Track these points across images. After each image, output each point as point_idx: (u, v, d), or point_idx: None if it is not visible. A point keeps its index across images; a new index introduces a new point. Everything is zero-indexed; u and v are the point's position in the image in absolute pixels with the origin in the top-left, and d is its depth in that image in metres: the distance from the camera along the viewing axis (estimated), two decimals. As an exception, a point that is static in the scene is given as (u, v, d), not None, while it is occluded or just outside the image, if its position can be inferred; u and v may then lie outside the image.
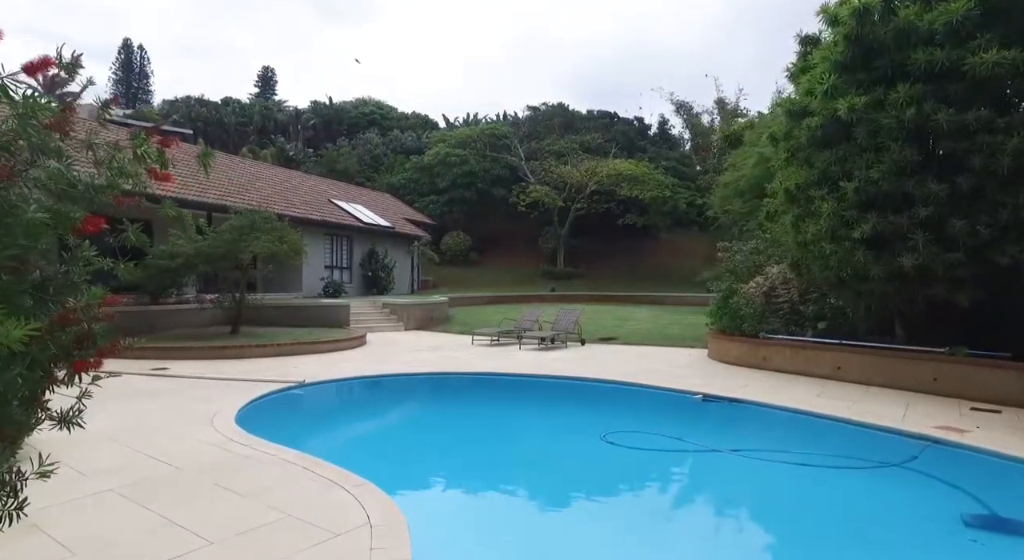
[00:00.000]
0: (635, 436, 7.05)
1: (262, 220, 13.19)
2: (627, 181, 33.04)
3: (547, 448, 7.17)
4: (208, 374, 9.72)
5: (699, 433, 7.36)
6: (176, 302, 14.90)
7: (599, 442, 6.66)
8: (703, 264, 37.36)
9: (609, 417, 8.38)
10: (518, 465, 6.45)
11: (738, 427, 7.67)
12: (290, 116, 50.81)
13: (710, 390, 8.54)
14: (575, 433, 7.68)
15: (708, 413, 7.94)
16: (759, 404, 7.77)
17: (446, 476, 6.02)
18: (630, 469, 6.13)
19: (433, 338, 16.26)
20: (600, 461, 6.36)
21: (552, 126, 43.55)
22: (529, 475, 6.06)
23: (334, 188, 28.11)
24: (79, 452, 5.29)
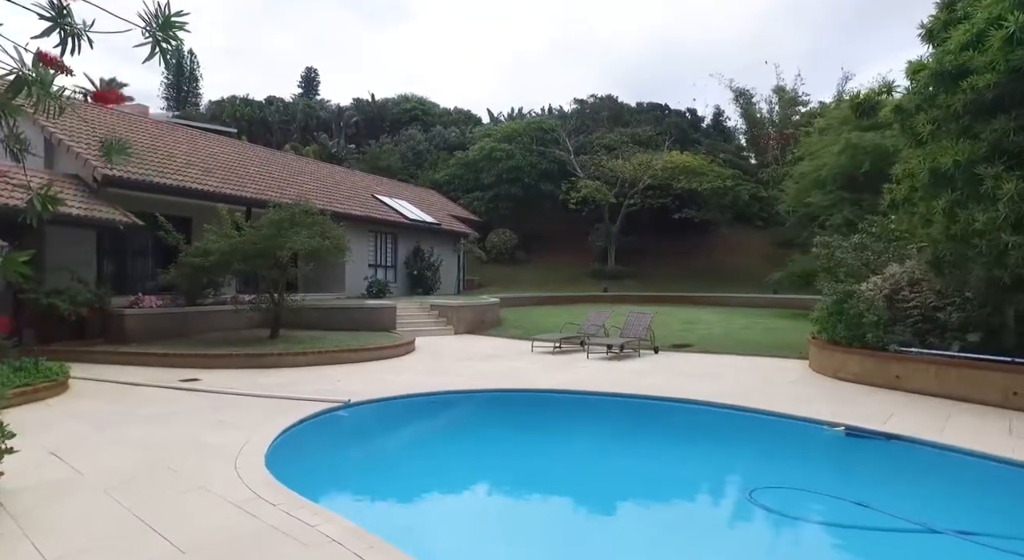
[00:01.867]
0: (792, 496, 5.18)
1: (302, 213, 11.97)
2: (684, 174, 30.96)
3: (672, 508, 5.36)
4: (241, 388, 8.46)
5: (874, 492, 5.25)
6: (214, 303, 13.86)
7: (742, 501, 4.98)
8: (763, 263, 35.04)
9: (731, 456, 6.70)
10: (647, 535, 4.66)
11: (920, 483, 5.71)
12: (333, 114, 50.33)
13: (847, 419, 6.77)
14: (706, 484, 5.97)
15: (861, 455, 6.15)
16: (932, 445, 5.94)
17: (547, 548, 4.47)
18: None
19: (487, 344, 14.80)
20: (758, 540, 4.57)
21: (600, 119, 41.70)
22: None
23: (378, 184, 27.03)
24: (56, 510, 3.97)
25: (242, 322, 13.65)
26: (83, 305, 11.74)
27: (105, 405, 7.42)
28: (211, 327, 13.57)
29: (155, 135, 16.88)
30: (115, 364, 10.60)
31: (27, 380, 7.86)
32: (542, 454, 6.82)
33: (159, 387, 8.61)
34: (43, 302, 11.30)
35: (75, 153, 13.08)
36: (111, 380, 9.06)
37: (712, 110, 44.34)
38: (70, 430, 6.18)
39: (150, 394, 8.16)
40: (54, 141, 13.51)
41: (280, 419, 6.55)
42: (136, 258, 15.04)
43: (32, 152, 2.71)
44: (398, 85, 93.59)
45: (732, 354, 13.01)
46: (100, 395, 8.06)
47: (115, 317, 12.17)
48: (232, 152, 19.54)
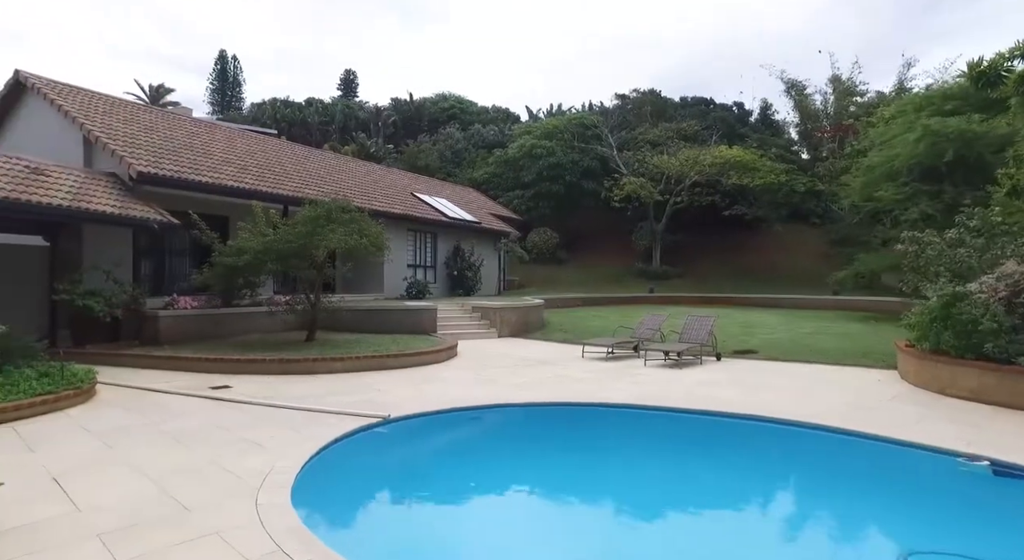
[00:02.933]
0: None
1: (338, 210, 11.26)
2: (735, 169, 29.39)
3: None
4: (272, 397, 7.74)
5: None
6: (249, 304, 13.33)
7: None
8: (819, 262, 33.12)
9: (853, 497, 5.41)
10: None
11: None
12: (371, 114, 50.24)
13: (986, 450, 5.57)
14: (835, 536, 4.72)
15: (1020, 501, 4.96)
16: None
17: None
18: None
19: (534, 349, 13.86)
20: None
21: (643, 115, 40.28)
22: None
23: (416, 182, 26.42)
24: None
25: (278, 324, 13.07)
26: (118, 306, 11.31)
27: (127, 417, 6.77)
28: (246, 329, 13.02)
29: (192, 133, 16.53)
30: (146, 368, 10.08)
31: (51, 387, 7.31)
32: (613, 484, 5.83)
33: (187, 395, 7.96)
34: (78, 303, 10.89)
35: (111, 150, 12.70)
36: (139, 386, 8.48)
37: (760, 104, 42.39)
38: (83, 448, 5.50)
39: (177, 404, 7.51)
40: (91, 139, 13.18)
41: (312, 438, 5.76)
42: (172, 258, 14.64)
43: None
44: (436, 85, 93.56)
45: (805, 362, 11.75)
46: (124, 404, 7.44)
47: (150, 318, 11.71)
48: (269, 150, 19.12)
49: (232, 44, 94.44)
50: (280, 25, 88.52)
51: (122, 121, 14.58)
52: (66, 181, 11.51)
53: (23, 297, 11.52)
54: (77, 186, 11.52)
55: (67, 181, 11.52)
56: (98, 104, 15.00)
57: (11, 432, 6.11)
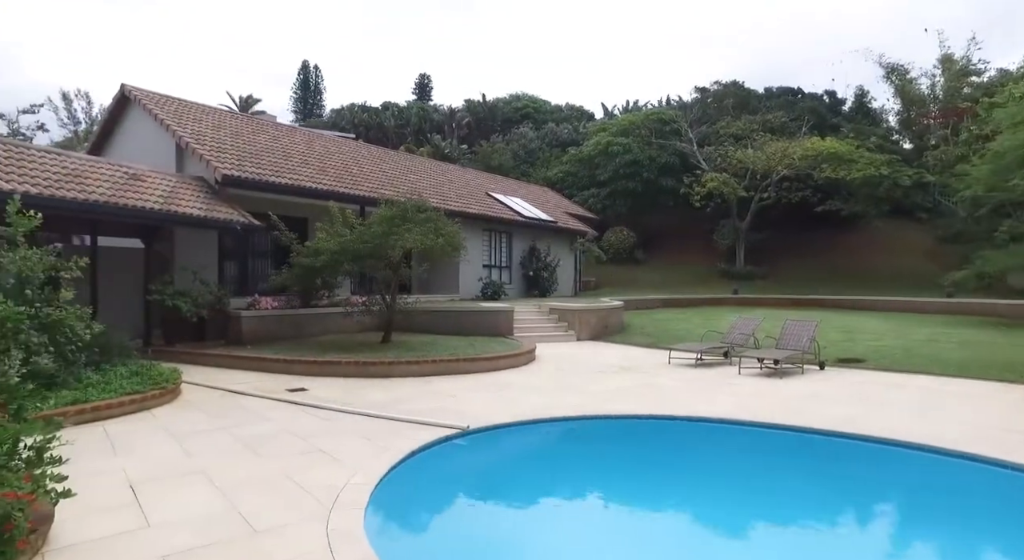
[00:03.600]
0: None
1: (415, 210, 11.02)
2: (829, 161, 27.23)
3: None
4: (347, 402, 7.51)
5: None
6: (327, 305, 13.39)
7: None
8: (924, 261, 30.21)
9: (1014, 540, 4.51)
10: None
11: None
12: (445, 116, 50.79)
13: None
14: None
15: None
16: None
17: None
18: None
19: (616, 353, 13.14)
20: None
21: (725, 107, 38.33)
22: None
23: (491, 181, 26.18)
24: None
25: (355, 325, 13.04)
26: (204, 306, 11.59)
27: (207, 420, 6.70)
28: (324, 330, 13.08)
29: (274, 137, 16.93)
30: (229, 368, 10.20)
31: (139, 387, 7.40)
32: (715, 510, 5.11)
33: (265, 398, 7.88)
34: (168, 303, 11.23)
35: (199, 155, 13.10)
36: (219, 387, 8.51)
37: (855, 91, 39.30)
38: (161, 454, 5.39)
39: (255, 407, 7.41)
40: (182, 145, 13.67)
41: (386, 450, 5.40)
42: (255, 259, 15.00)
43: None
44: (509, 85, 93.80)
45: (924, 374, 10.42)
46: (205, 406, 7.42)
47: (233, 319, 11.94)
48: (347, 152, 19.38)
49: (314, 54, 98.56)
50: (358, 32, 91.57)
51: (210, 127, 15.09)
52: (159, 185, 11.92)
53: (124, 297, 12.03)
54: (169, 190, 11.91)
55: (160, 185, 11.94)
56: (190, 112, 15.62)
57: (100, 432, 6.14)
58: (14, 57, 59.93)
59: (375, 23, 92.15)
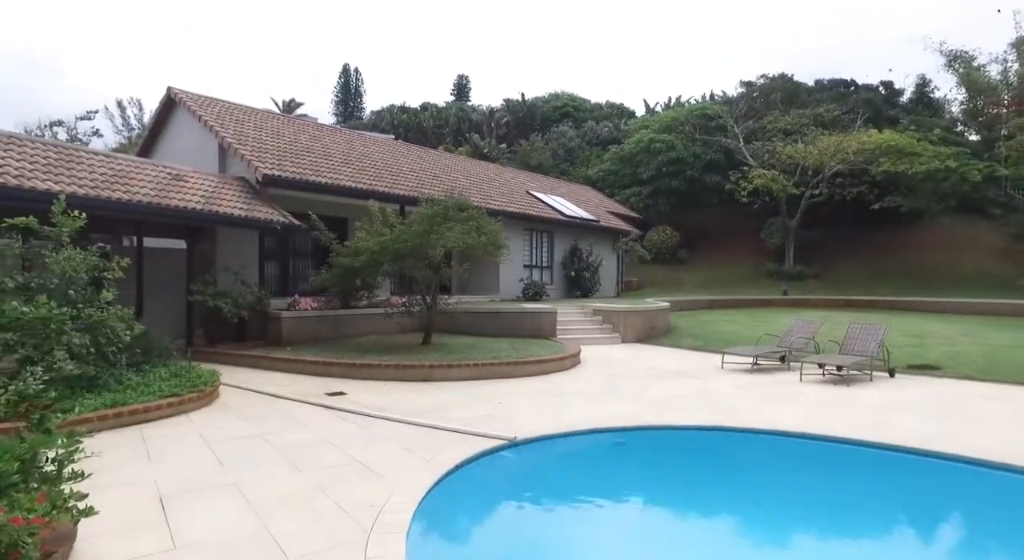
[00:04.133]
0: None
1: (456, 208, 10.68)
2: (889, 155, 25.75)
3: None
4: (387, 408, 7.19)
5: None
6: (367, 306, 13.19)
7: None
8: (997, 261, 28.35)
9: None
10: None
11: None
12: (483, 115, 50.61)
13: None
14: None
15: None
16: None
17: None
18: None
19: (665, 357, 12.53)
20: None
21: (772, 102, 36.90)
22: None
23: (532, 180, 25.75)
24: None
25: (394, 326, 12.79)
26: (244, 307, 11.51)
27: (243, 426, 6.47)
28: (363, 331, 12.88)
29: (314, 137, 16.90)
30: (268, 369, 10.05)
31: (177, 389, 7.24)
32: (791, 538, 4.55)
33: (303, 402, 7.63)
34: (209, 304, 11.18)
35: (240, 155, 13.08)
36: (258, 390, 8.32)
37: (916, 80, 37.29)
38: (194, 463, 5.14)
39: (292, 412, 7.16)
40: (224, 145, 13.69)
41: (428, 463, 5.02)
42: (295, 260, 14.95)
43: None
44: (548, 84, 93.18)
45: (1015, 384, 9.50)
46: (242, 410, 7.21)
47: (273, 319, 11.83)
48: (386, 151, 19.25)
49: (354, 57, 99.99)
50: (397, 35, 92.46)
51: (252, 128, 15.12)
52: (201, 186, 11.91)
53: (168, 298, 12.07)
54: (211, 190, 11.88)
55: (202, 186, 11.93)
56: (232, 113, 15.69)
57: (137, 436, 5.97)
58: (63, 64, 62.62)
59: (414, 25, 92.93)
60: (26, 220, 6.93)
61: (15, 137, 10.33)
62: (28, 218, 6.95)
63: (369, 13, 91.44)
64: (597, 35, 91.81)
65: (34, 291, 6.93)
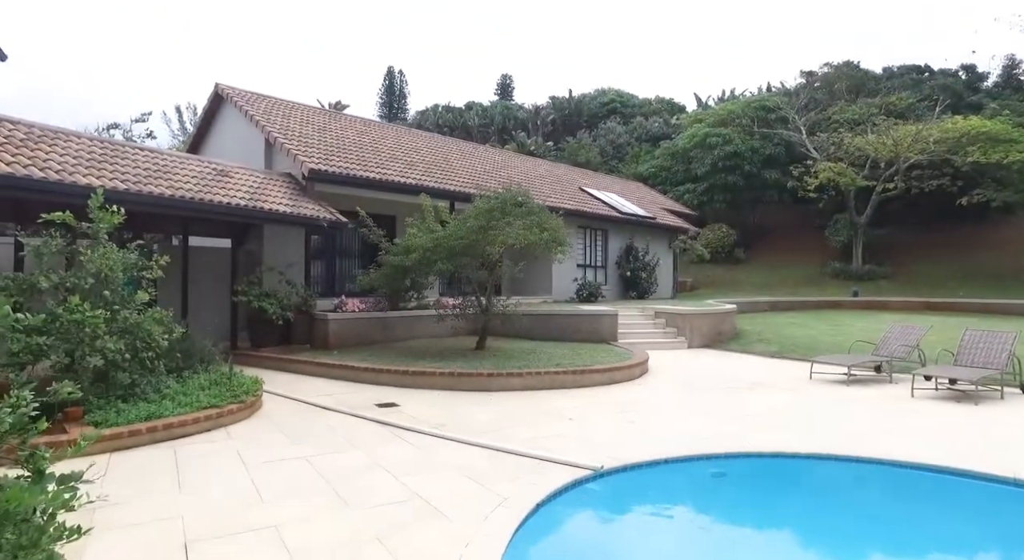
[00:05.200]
0: None
1: (514, 202, 9.81)
2: (979, 143, 23.50)
3: None
4: (446, 425, 6.36)
5: None
6: (416, 307, 12.48)
7: None
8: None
9: None
10: None
11: None
12: (529, 113, 49.75)
13: None
14: None
15: None
16: None
17: None
18: None
19: (740, 364, 11.36)
20: None
21: (837, 92, 34.74)
22: None
23: (584, 177, 24.74)
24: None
25: (445, 329, 12.02)
26: (290, 308, 10.94)
27: (285, 445, 5.74)
28: (413, 334, 12.16)
29: (362, 132, 16.35)
30: (313, 376, 9.40)
31: (216, 400, 6.59)
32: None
33: (351, 415, 6.88)
34: (254, 305, 10.64)
35: (286, 150, 12.56)
36: (303, 400, 7.63)
37: (1004, 61, 34.40)
38: (229, 493, 4.40)
39: (340, 426, 6.41)
40: (271, 140, 13.21)
41: (503, 498, 4.14)
42: (342, 259, 14.38)
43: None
44: (595, 81, 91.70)
45: None
46: (286, 425, 6.50)
47: (319, 322, 11.22)
48: (435, 146, 18.57)
49: (398, 60, 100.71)
50: (441, 36, 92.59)
51: (299, 123, 14.64)
52: (246, 182, 11.42)
53: (213, 298, 11.63)
54: (256, 186, 11.37)
55: (247, 182, 11.43)
56: (279, 109, 15.27)
57: (170, 456, 5.30)
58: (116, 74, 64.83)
59: (457, 26, 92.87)
60: (63, 215, 6.38)
61: (61, 132, 10.00)
62: (65, 213, 6.40)
63: (412, 14, 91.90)
64: (643, 29, 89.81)
65: (69, 291, 6.39)
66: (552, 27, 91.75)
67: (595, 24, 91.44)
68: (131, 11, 71.21)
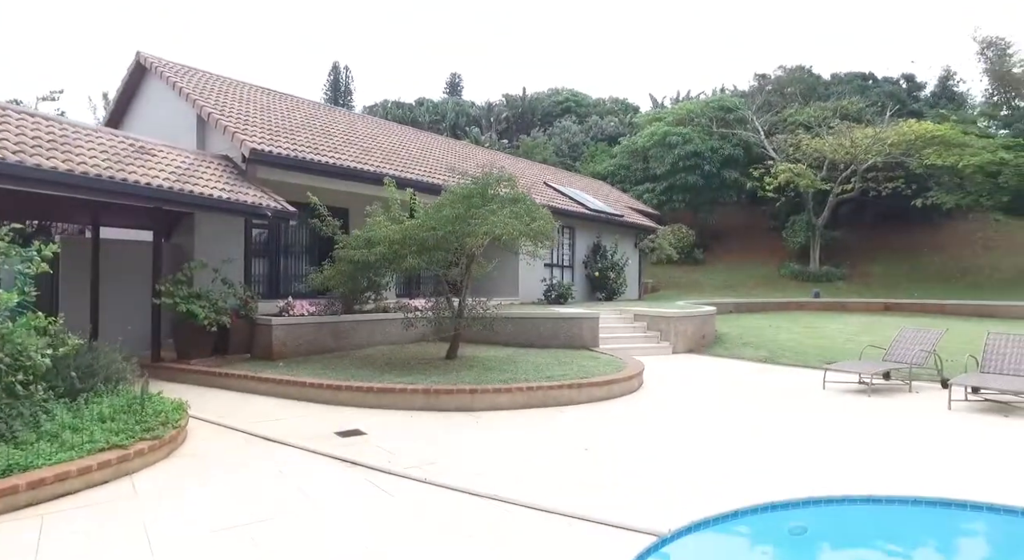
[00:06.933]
0: None
1: (496, 185, 8.43)
2: (935, 146, 23.78)
3: None
4: (432, 462, 4.91)
5: None
6: (374, 310, 10.92)
7: None
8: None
9: None
10: None
11: None
12: (482, 110, 48.37)
13: None
14: None
15: None
16: None
17: None
18: None
19: (736, 371, 10.34)
20: None
21: (789, 95, 35.07)
22: None
23: (546, 172, 23.57)
24: None
25: (409, 335, 10.51)
26: (226, 312, 9.17)
27: (214, 507, 4.16)
28: (372, 340, 10.59)
29: (311, 115, 14.58)
30: (257, 393, 7.73)
31: (120, 436, 4.88)
32: None
33: (305, 450, 5.32)
34: (181, 309, 8.82)
35: (223, 127, 10.74)
36: (243, 429, 6.00)
37: (939, 73, 35.67)
38: None
39: (292, 469, 4.86)
40: (204, 116, 11.34)
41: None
42: (289, 255, 12.63)
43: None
44: (546, 81, 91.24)
45: None
46: (217, 469, 4.90)
47: (262, 327, 9.50)
48: (392, 135, 16.97)
49: (344, 56, 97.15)
50: (387, 34, 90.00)
51: (238, 101, 12.78)
52: (173, 161, 9.57)
53: (131, 302, 9.73)
54: (185, 167, 9.55)
55: (175, 162, 9.58)
56: (215, 85, 13.33)
57: (28, 540, 3.53)
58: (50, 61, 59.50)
59: (405, 23, 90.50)
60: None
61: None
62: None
63: (357, 10, 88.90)
64: (596, 30, 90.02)
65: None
66: (503, 26, 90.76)
67: (547, 24, 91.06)
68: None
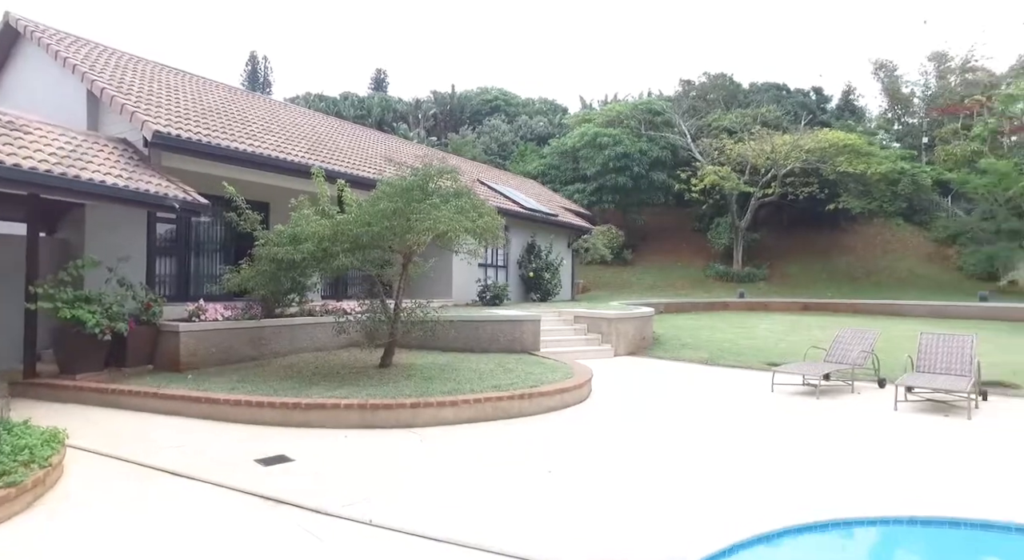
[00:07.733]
0: None
1: (438, 177, 7.72)
2: (846, 154, 25.16)
3: None
4: (374, 497, 4.19)
5: None
6: (299, 314, 9.91)
7: None
8: (923, 263, 28.80)
9: None
10: None
11: None
12: (410, 106, 47.05)
13: None
14: None
15: None
16: None
17: None
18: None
19: (682, 375, 10.14)
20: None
21: (712, 101, 36.33)
22: None
23: (478, 169, 22.91)
24: None
25: (338, 340, 9.58)
26: (122, 317, 7.93)
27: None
28: (295, 346, 9.60)
29: (226, 99, 13.23)
30: (159, 412, 6.65)
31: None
32: None
33: (218, 486, 4.44)
34: (65, 314, 7.50)
35: (120, 105, 9.38)
36: (136, 461, 4.99)
37: (842, 88, 38.06)
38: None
39: (199, 517, 3.98)
40: (96, 91, 9.88)
41: None
42: (200, 254, 11.34)
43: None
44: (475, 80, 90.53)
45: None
46: (97, 519, 3.95)
47: (167, 335, 8.30)
48: (319, 124, 15.80)
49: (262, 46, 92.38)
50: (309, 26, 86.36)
51: (139, 77, 11.30)
52: (56, 142, 8.19)
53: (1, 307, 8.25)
54: (71, 149, 8.19)
55: (55, 142, 8.19)
56: (110, 58, 11.72)
57: None
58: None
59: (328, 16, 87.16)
60: None
61: None
62: None
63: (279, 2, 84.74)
64: (526, 30, 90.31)
65: None
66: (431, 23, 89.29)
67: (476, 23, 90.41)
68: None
